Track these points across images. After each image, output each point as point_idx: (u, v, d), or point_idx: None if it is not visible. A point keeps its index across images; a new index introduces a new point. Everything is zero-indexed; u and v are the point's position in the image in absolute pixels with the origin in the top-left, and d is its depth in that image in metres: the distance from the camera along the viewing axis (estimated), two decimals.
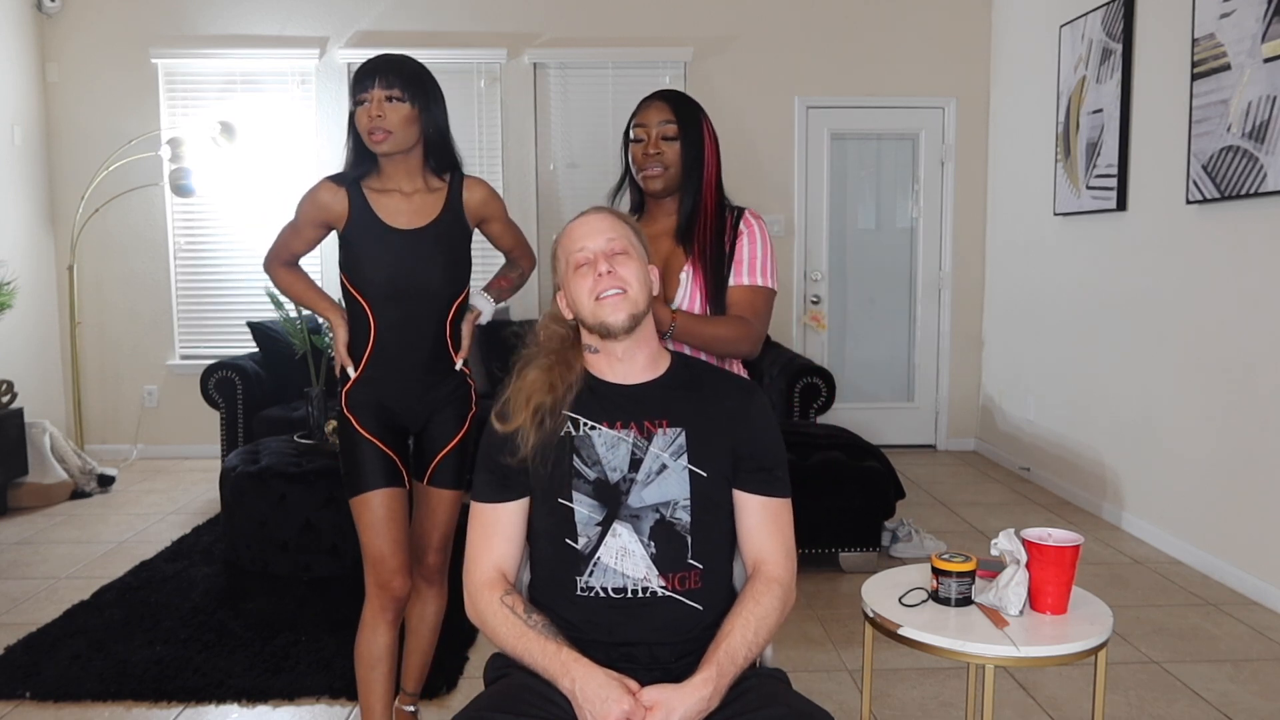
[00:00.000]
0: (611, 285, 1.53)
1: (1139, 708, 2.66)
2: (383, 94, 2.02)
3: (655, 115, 1.98)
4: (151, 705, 2.65)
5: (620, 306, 1.53)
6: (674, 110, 1.98)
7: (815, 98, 5.76)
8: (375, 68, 2.04)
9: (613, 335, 1.54)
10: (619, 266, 1.55)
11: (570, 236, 1.61)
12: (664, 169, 1.97)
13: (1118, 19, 4.28)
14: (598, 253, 1.56)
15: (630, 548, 1.51)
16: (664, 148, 1.96)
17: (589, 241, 1.58)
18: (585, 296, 1.55)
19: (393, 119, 2.03)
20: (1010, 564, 1.75)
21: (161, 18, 5.61)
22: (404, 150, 2.09)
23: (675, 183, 1.98)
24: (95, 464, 5.05)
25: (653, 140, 1.97)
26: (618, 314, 1.53)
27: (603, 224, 1.60)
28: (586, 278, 1.55)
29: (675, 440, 1.54)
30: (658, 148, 1.96)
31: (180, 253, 5.74)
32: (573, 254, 1.59)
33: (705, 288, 1.95)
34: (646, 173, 1.97)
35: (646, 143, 1.97)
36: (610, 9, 5.59)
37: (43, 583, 3.63)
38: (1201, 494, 3.77)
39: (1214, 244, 3.69)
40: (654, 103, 2.00)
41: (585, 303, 1.55)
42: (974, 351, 5.95)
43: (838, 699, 2.71)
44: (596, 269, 1.54)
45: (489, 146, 5.73)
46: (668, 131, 1.97)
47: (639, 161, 1.99)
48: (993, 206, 5.80)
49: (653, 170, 1.97)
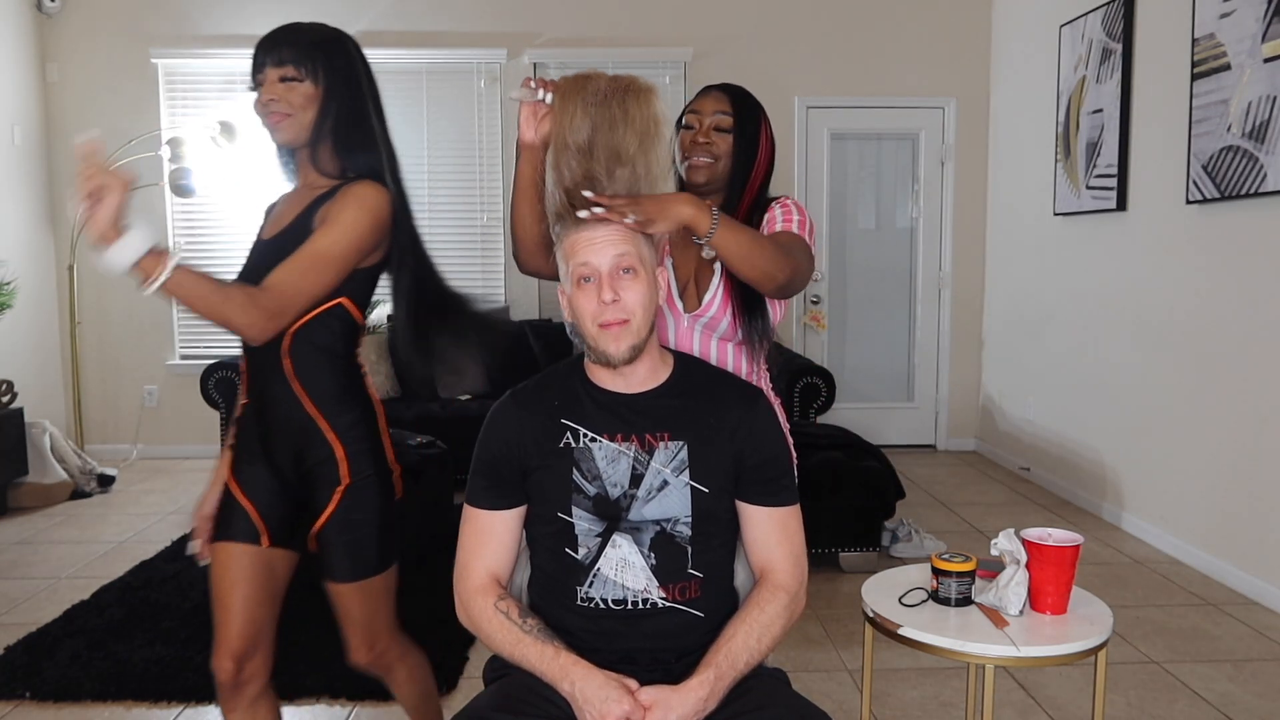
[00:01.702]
0: (615, 315, 1.46)
1: (1139, 708, 2.66)
2: (276, 74, 1.65)
3: (711, 104, 1.87)
4: (151, 705, 2.65)
5: (622, 338, 1.47)
6: (732, 102, 1.87)
7: (815, 98, 5.76)
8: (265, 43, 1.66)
9: (611, 365, 1.49)
10: (625, 291, 1.47)
11: (575, 247, 1.49)
12: (712, 160, 1.85)
13: (1118, 19, 4.28)
14: (603, 273, 1.47)
15: (630, 559, 1.49)
16: (715, 138, 1.85)
17: (594, 257, 1.47)
18: (587, 318, 1.48)
19: (291, 101, 1.66)
20: (1010, 564, 1.75)
21: (161, 18, 5.61)
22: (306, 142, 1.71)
23: (721, 179, 1.87)
24: (95, 464, 5.05)
25: (704, 129, 1.86)
26: (619, 345, 1.47)
27: (613, 235, 1.47)
28: (590, 298, 1.47)
29: (677, 455, 1.51)
30: (708, 137, 1.85)
31: (180, 253, 5.71)
32: (575, 266, 1.49)
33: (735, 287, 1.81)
34: (692, 161, 1.85)
35: (697, 130, 1.86)
36: (610, 9, 5.59)
37: (43, 583, 3.63)
38: (1201, 494, 3.77)
39: (1214, 244, 3.69)
40: (712, 92, 1.90)
41: (587, 324, 1.49)
42: (974, 351, 5.95)
43: (838, 699, 2.71)
44: (601, 296, 1.46)
45: (489, 146, 5.73)
46: (722, 123, 1.86)
47: (685, 149, 1.86)
48: (993, 206, 5.80)
49: (699, 159, 1.85)
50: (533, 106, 1.63)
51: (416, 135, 5.71)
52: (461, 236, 5.81)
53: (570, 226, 1.50)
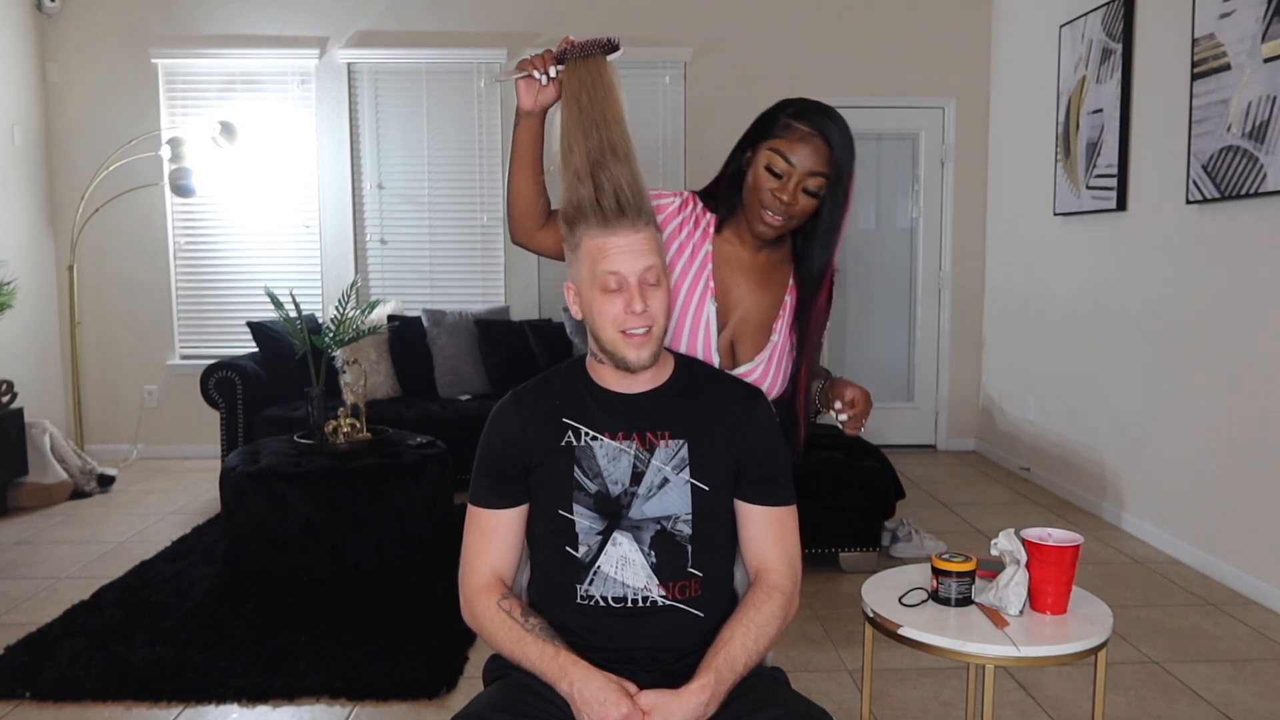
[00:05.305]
0: (640, 324, 1.46)
1: (1139, 708, 2.66)
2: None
3: (810, 158, 1.61)
4: (151, 705, 2.65)
5: (645, 345, 1.47)
6: (832, 159, 1.62)
7: (815, 98, 5.74)
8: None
9: (631, 371, 1.50)
10: (650, 300, 1.46)
11: (604, 252, 1.45)
12: (788, 220, 1.65)
13: (1118, 19, 4.28)
14: (632, 284, 1.45)
15: (630, 557, 1.49)
16: (801, 200, 1.62)
17: (623, 265, 1.45)
18: (609, 324, 1.47)
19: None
20: (1010, 564, 1.75)
21: (161, 18, 5.61)
22: None
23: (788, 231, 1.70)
24: (95, 464, 5.05)
25: (793, 188, 1.61)
26: (640, 353, 1.47)
27: (641, 245, 1.45)
28: (614, 303, 1.46)
29: (678, 453, 1.51)
30: (794, 197, 1.62)
31: (180, 253, 5.74)
32: (601, 272, 1.46)
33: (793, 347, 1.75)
34: (767, 218, 1.64)
35: (785, 182, 1.62)
36: (610, 9, 5.59)
37: (43, 583, 3.63)
38: (1201, 494, 3.77)
39: (1214, 244, 3.69)
40: (814, 140, 1.62)
41: (607, 330, 1.47)
42: (974, 351, 5.95)
43: (838, 699, 2.71)
44: (632, 307, 1.45)
45: (489, 146, 5.73)
46: (813, 185, 1.62)
47: (765, 200, 1.63)
48: (993, 206, 5.80)
49: (775, 220, 1.64)
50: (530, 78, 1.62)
51: (416, 135, 5.71)
52: (461, 236, 5.81)
53: (595, 226, 1.47)
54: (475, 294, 5.82)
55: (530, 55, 1.65)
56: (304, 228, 5.75)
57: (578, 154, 1.51)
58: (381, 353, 5.23)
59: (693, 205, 1.76)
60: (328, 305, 5.60)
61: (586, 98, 1.56)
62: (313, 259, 5.79)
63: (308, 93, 5.68)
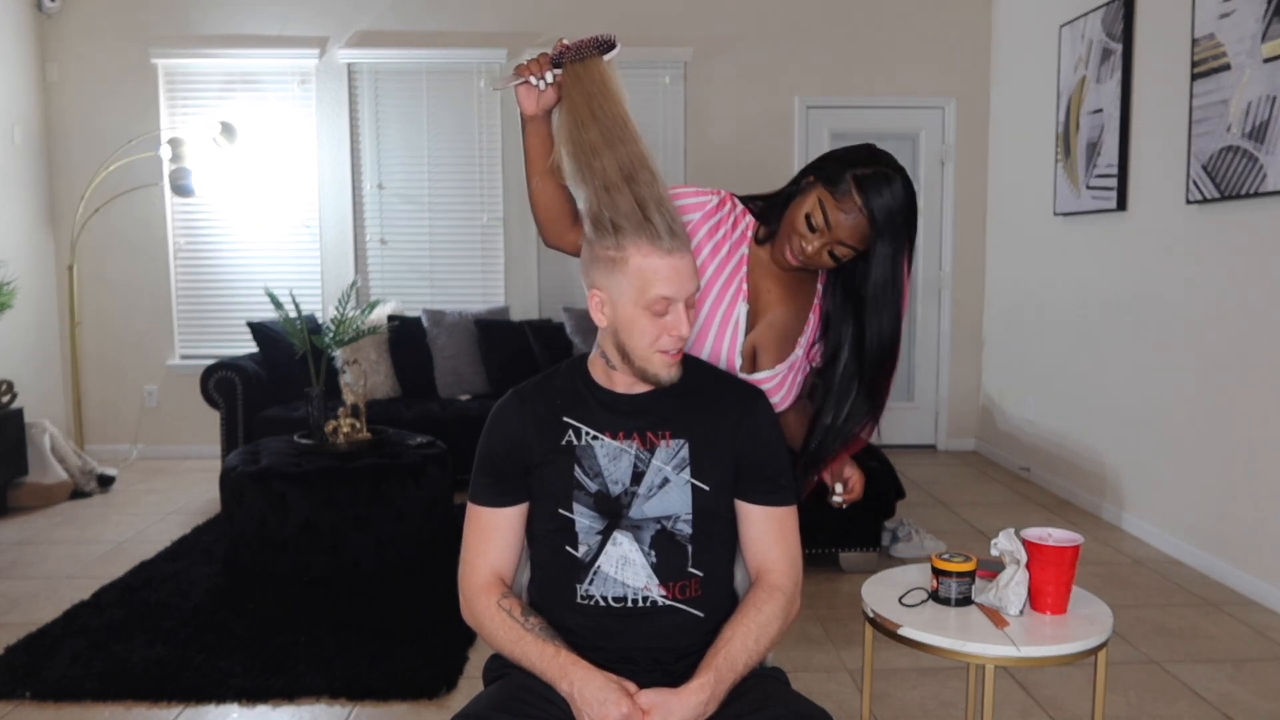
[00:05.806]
0: (678, 344, 1.48)
1: (1139, 708, 2.66)
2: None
3: (848, 230, 1.57)
4: (151, 705, 2.65)
5: (675, 365, 1.49)
6: (871, 237, 1.57)
7: (815, 98, 5.76)
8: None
9: (660, 384, 1.50)
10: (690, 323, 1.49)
11: (657, 275, 1.43)
12: (804, 267, 1.65)
13: (1118, 19, 4.28)
14: (681, 309, 1.46)
15: (631, 556, 1.49)
16: (825, 258, 1.61)
17: (672, 289, 1.44)
18: (645, 341, 1.46)
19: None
20: (1010, 564, 1.75)
21: (161, 18, 5.61)
22: None
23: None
24: (95, 464, 5.05)
25: (819, 246, 1.59)
26: (673, 371, 1.49)
27: (690, 269, 1.46)
28: (656, 324, 1.45)
29: (678, 453, 1.51)
30: (818, 255, 1.60)
31: (180, 253, 5.74)
32: (650, 292, 1.43)
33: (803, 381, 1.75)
34: (788, 255, 1.64)
35: (816, 236, 1.59)
36: (610, 9, 5.59)
37: (43, 583, 3.63)
38: (1201, 494, 3.77)
39: (1214, 244, 3.69)
40: (859, 218, 1.56)
41: (640, 345, 1.47)
42: (974, 351, 5.95)
43: (838, 699, 2.71)
44: (680, 331, 1.45)
45: (489, 146, 5.72)
46: (841, 253, 1.60)
47: (792, 243, 1.62)
48: (993, 206, 5.80)
49: (794, 261, 1.64)
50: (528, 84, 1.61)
51: (416, 135, 5.71)
52: (462, 236, 5.81)
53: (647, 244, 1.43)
54: (475, 294, 5.82)
55: (525, 60, 1.64)
56: (304, 228, 5.75)
57: (608, 165, 1.49)
58: (381, 353, 5.23)
59: (730, 205, 1.75)
60: (328, 305, 5.60)
61: (599, 107, 1.54)
62: (313, 259, 5.79)
63: (308, 93, 5.68)
